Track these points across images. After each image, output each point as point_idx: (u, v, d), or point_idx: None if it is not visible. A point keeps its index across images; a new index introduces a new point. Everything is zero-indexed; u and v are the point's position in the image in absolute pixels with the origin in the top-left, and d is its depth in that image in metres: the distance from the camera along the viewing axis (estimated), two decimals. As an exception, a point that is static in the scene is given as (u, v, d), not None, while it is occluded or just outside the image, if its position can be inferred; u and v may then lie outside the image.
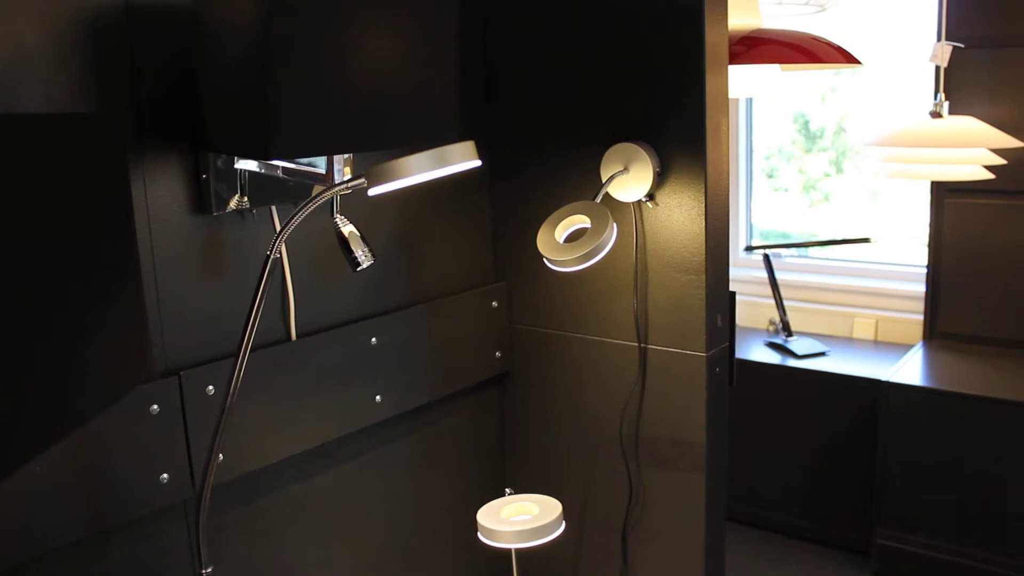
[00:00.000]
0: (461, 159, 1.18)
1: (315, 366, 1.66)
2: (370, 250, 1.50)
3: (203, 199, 1.46)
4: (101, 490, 1.36)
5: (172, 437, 1.44)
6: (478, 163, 1.25)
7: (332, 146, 1.25)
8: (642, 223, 1.80)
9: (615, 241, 1.67)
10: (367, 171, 1.17)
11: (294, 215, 1.23)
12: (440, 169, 1.16)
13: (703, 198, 1.72)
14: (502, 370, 2.07)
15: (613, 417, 1.93)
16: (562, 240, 1.69)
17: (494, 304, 2.03)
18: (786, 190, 3.90)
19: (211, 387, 1.49)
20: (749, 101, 3.72)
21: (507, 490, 1.65)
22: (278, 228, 1.58)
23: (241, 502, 1.61)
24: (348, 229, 1.49)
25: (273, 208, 1.57)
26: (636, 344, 1.86)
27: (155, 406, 1.41)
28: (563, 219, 1.69)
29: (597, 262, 1.64)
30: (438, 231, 1.92)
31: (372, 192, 1.19)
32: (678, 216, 1.76)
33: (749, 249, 3.61)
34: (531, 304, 2.03)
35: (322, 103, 1.22)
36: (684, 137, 1.72)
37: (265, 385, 1.58)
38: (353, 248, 1.48)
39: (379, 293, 1.80)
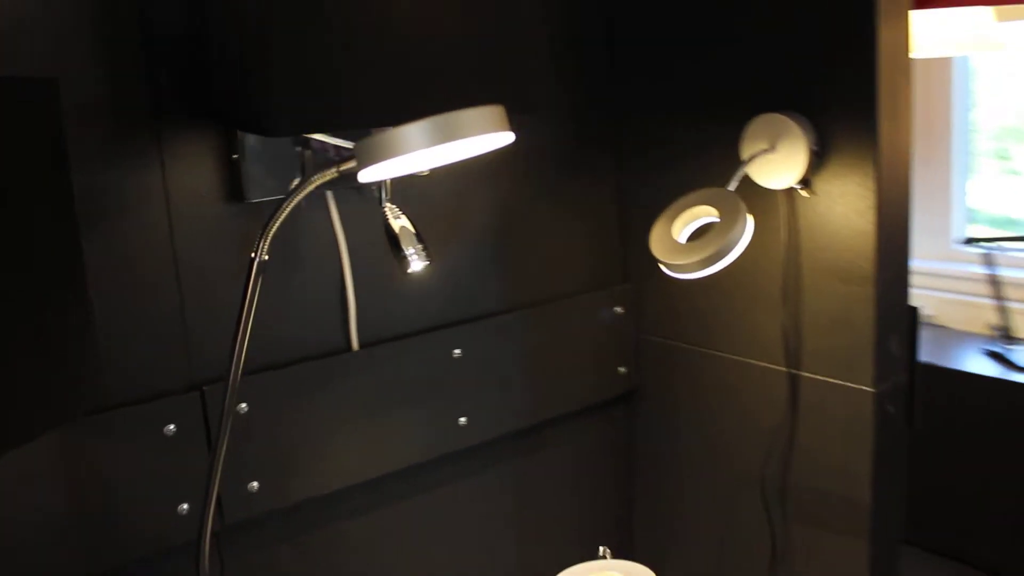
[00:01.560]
0: (476, 130, 0.85)
1: (382, 381, 1.40)
2: (424, 249, 1.21)
3: (235, 184, 1.23)
4: (104, 526, 1.16)
5: (192, 461, 1.23)
6: (510, 137, 0.92)
7: (348, 117, 0.97)
8: (793, 217, 1.41)
9: (751, 239, 1.30)
10: (355, 147, 0.88)
11: (280, 210, 0.96)
12: (447, 144, 0.84)
13: (874, 186, 1.31)
14: (627, 388, 1.74)
15: (755, 457, 1.55)
16: (684, 239, 1.34)
17: (618, 310, 1.69)
18: (1018, 173, 3.33)
19: (243, 404, 1.26)
20: (965, 63, 3.11)
21: (602, 549, 1.32)
22: (334, 216, 1.33)
23: (283, 538, 1.37)
24: (400, 223, 1.20)
25: (329, 193, 1.32)
26: (784, 369, 1.47)
27: (171, 426, 1.20)
28: (685, 211, 1.34)
29: (727, 266, 1.28)
30: (547, 220, 1.60)
31: (364, 178, 0.89)
32: (841, 209, 1.35)
33: (970, 242, 3.04)
34: (665, 312, 1.67)
35: (340, 60, 0.95)
36: (850, 106, 1.31)
37: (317, 402, 1.34)
38: (404, 246, 1.20)
39: (466, 295, 1.51)
